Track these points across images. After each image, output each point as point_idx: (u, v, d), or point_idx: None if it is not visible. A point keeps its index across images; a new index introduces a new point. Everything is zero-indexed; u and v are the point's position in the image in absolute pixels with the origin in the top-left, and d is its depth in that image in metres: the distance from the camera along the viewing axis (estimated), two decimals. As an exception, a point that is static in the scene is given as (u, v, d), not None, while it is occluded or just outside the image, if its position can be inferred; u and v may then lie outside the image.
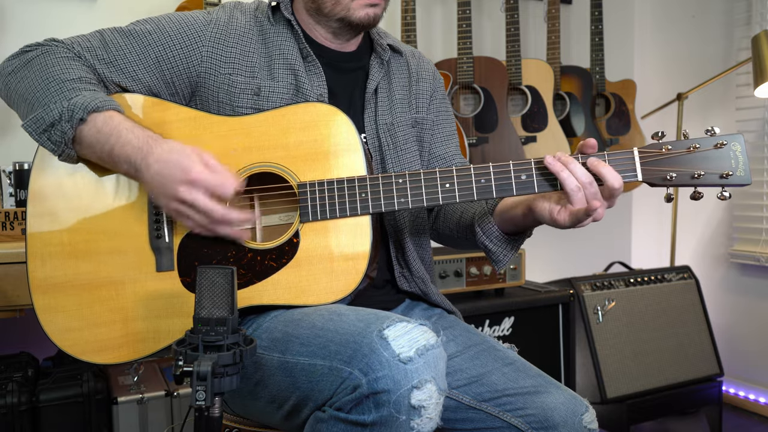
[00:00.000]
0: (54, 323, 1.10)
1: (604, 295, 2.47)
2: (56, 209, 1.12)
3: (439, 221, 1.36)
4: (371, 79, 1.27)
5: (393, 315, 0.98)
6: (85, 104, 1.04)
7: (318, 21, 1.23)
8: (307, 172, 1.12)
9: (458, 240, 1.33)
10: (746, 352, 2.97)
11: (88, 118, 1.04)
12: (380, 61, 1.29)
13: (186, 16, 1.19)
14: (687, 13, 3.18)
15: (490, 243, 1.22)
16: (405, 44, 1.40)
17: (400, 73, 1.33)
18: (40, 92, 1.06)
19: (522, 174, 1.10)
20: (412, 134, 1.31)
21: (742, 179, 1.07)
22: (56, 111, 1.04)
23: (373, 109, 1.27)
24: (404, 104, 1.31)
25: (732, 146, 1.07)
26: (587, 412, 1.13)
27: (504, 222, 1.20)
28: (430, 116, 1.36)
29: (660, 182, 1.09)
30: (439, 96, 1.39)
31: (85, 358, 1.11)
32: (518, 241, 1.23)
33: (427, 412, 0.90)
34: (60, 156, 1.08)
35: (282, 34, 1.22)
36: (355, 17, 1.18)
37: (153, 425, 1.86)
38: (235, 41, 1.18)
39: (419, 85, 1.35)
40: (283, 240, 1.11)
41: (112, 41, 1.15)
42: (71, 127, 1.04)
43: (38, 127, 1.05)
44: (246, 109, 1.16)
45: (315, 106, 1.14)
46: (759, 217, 2.95)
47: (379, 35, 1.31)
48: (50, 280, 1.11)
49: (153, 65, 1.15)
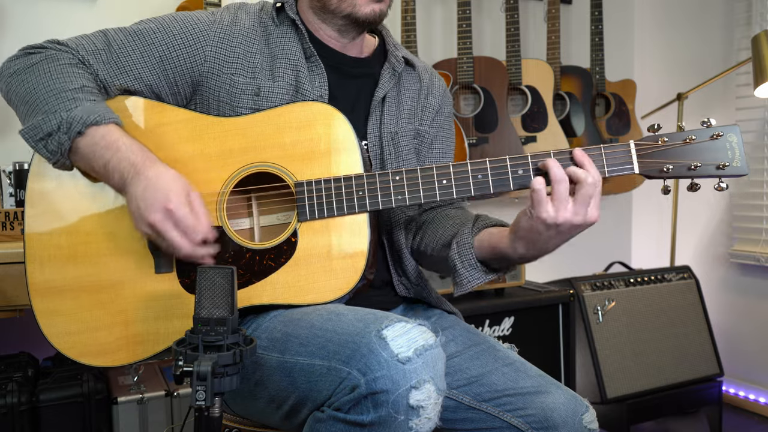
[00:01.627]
0: (53, 327, 1.11)
1: (604, 295, 2.47)
2: (54, 212, 1.13)
3: (423, 239, 1.29)
4: (380, 87, 1.26)
5: (392, 315, 0.98)
6: (84, 117, 1.04)
7: (323, 19, 1.23)
8: (304, 171, 1.12)
9: (437, 260, 1.26)
10: (746, 352, 2.97)
11: (86, 132, 1.05)
12: (392, 72, 1.28)
13: (190, 16, 1.19)
14: (687, 14, 3.18)
15: (459, 262, 1.16)
16: (419, 59, 1.39)
17: (411, 85, 1.33)
18: (41, 99, 1.07)
19: (519, 168, 1.09)
20: (413, 144, 1.31)
21: (739, 170, 1.07)
22: (55, 122, 1.04)
23: (378, 117, 1.26)
24: (411, 115, 1.31)
25: (728, 137, 1.07)
26: (587, 412, 1.13)
27: (483, 249, 1.15)
28: (431, 131, 1.35)
29: (657, 174, 1.09)
30: (444, 113, 1.38)
31: (84, 361, 1.11)
32: (487, 273, 1.17)
33: (426, 412, 0.90)
34: (55, 164, 1.08)
35: (286, 34, 1.22)
36: (362, 13, 1.18)
37: (153, 425, 1.86)
38: (239, 42, 1.18)
39: (428, 99, 1.34)
40: (281, 239, 1.11)
41: (115, 40, 1.15)
42: (68, 139, 1.04)
43: (35, 135, 1.05)
44: (245, 109, 1.16)
45: (311, 105, 1.14)
46: (759, 217, 2.95)
47: (394, 47, 1.31)
48: (49, 283, 1.11)
49: (156, 64, 1.15)
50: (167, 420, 1.88)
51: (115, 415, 1.81)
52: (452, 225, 1.23)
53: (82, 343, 1.11)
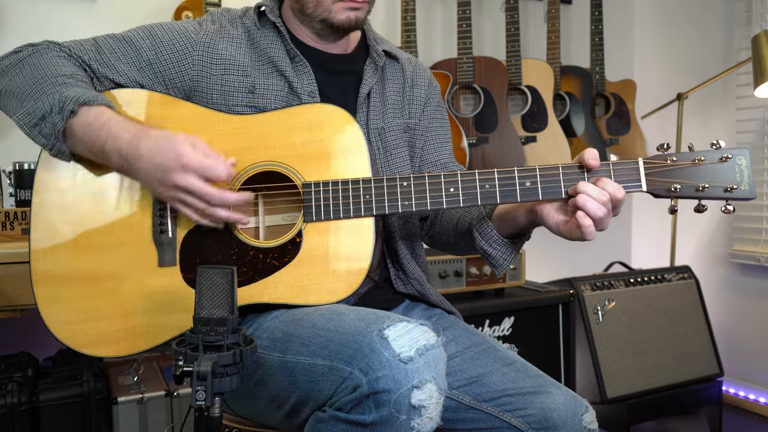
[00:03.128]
0: (54, 315, 1.10)
1: (604, 295, 2.47)
2: (60, 201, 1.12)
3: (435, 228, 1.35)
4: (364, 83, 1.27)
5: (393, 315, 0.98)
6: (77, 97, 1.04)
7: (302, 21, 1.24)
8: (313, 171, 1.12)
9: (455, 245, 1.32)
10: (746, 352, 2.97)
11: (79, 111, 1.04)
12: (375, 67, 1.29)
13: (177, 24, 1.22)
14: (687, 14, 3.18)
15: (489, 247, 1.20)
16: (402, 51, 1.40)
17: (394, 78, 1.33)
18: (32, 87, 1.07)
19: (527, 181, 1.10)
20: (404, 139, 1.31)
21: (746, 193, 1.07)
22: (47, 103, 1.04)
23: (365, 113, 1.27)
24: (396, 109, 1.31)
25: (737, 160, 1.07)
26: (587, 412, 1.13)
27: (503, 225, 1.20)
28: (423, 122, 1.35)
29: (664, 194, 1.09)
30: (433, 103, 1.38)
31: (83, 350, 1.11)
32: (518, 244, 1.21)
33: (428, 411, 0.90)
34: (51, 151, 1.07)
35: (268, 37, 1.23)
36: (336, 20, 1.19)
37: (153, 425, 1.86)
38: (225, 45, 1.20)
39: (414, 91, 1.35)
40: (286, 239, 1.11)
41: (105, 45, 1.17)
42: (62, 119, 1.04)
43: (29, 120, 1.05)
44: (241, 108, 1.17)
45: (322, 106, 1.15)
46: (759, 217, 2.95)
47: (375, 41, 1.31)
48: (52, 271, 1.11)
49: (146, 68, 1.17)
50: (167, 420, 1.88)
51: (115, 415, 1.81)
52: (463, 213, 1.28)
53: (83, 332, 1.10)
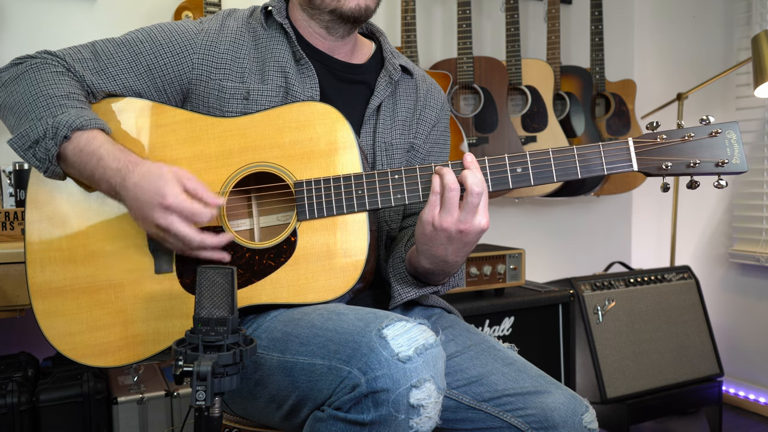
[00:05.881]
0: (54, 328, 1.11)
1: (604, 295, 2.47)
2: (54, 215, 1.13)
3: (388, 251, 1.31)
4: (376, 95, 1.26)
5: (392, 314, 0.98)
6: (70, 122, 1.05)
7: (311, 15, 1.23)
8: (304, 170, 1.12)
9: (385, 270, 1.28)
10: (746, 352, 2.97)
11: (72, 136, 1.05)
12: (389, 80, 1.28)
13: (178, 25, 1.21)
14: (687, 13, 3.18)
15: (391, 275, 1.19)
16: (418, 67, 1.38)
17: (407, 95, 1.32)
18: (28, 107, 1.07)
19: (518, 167, 1.10)
20: (405, 158, 1.31)
21: (738, 167, 1.07)
22: (41, 128, 1.05)
23: (372, 126, 1.26)
24: (405, 127, 1.30)
25: (727, 134, 1.07)
26: (587, 412, 1.13)
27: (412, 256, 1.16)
28: (425, 146, 1.34)
29: (655, 172, 1.09)
30: (441, 127, 1.37)
31: (85, 361, 1.11)
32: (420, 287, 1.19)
33: (426, 411, 0.90)
34: (46, 172, 1.09)
35: (274, 38, 1.22)
36: (347, 8, 1.18)
37: (153, 425, 1.86)
38: (226, 47, 1.19)
39: (425, 112, 1.33)
40: (280, 239, 1.11)
41: (103, 51, 1.17)
42: (55, 145, 1.05)
43: (23, 143, 1.06)
44: (234, 114, 1.17)
45: (310, 105, 1.14)
46: (759, 217, 2.95)
47: (392, 54, 1.30)
48: (49, 284, 1.11)
49: (144, 73, 1.17)
50: (167, 420, 1.88)
51: (115, 415, 1.82)
52: (400, 237, 1.25)
53: (83, 343, 1.11)
